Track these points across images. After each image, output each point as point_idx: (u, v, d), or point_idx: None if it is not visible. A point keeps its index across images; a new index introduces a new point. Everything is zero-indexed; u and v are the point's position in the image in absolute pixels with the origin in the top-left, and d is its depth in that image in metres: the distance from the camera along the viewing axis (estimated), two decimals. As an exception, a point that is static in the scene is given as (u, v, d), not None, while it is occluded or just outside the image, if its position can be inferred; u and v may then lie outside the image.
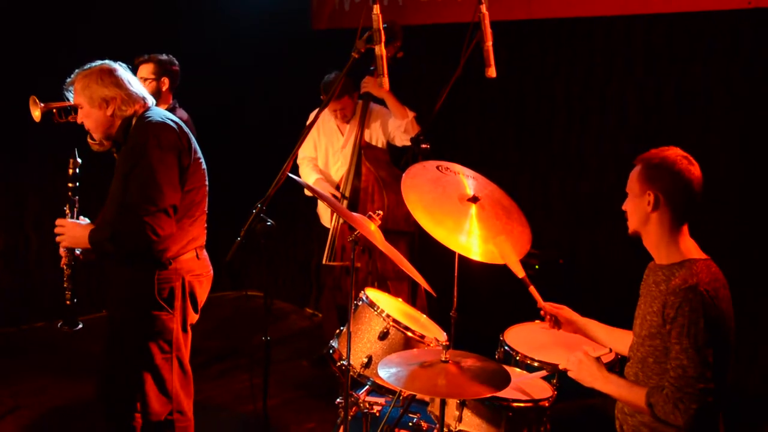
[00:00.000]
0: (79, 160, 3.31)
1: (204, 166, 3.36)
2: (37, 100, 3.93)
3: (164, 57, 4.69)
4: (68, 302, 3.32)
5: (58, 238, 3.27)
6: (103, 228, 3.18)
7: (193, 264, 3.35)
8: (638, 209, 2.57)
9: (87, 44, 3.80)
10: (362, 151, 4.59)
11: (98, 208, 3.41)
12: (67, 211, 3.30)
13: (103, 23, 5.53)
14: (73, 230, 3.24)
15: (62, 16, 5.52)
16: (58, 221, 3.27)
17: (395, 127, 4.66)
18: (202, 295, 3.46)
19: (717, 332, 2.41)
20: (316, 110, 3.05)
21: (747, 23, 4.00)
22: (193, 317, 3.44)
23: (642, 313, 2.63)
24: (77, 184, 3.30)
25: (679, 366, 2.41)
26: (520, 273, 3.00)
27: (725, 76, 4.13)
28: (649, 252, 2.64)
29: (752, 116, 4.05)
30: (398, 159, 4.58)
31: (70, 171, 3.30)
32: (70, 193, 3.30)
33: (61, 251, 3.34)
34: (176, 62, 4.74)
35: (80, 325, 3.36)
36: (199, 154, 3.34)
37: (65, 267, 3.33)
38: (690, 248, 2.56)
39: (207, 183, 3.38)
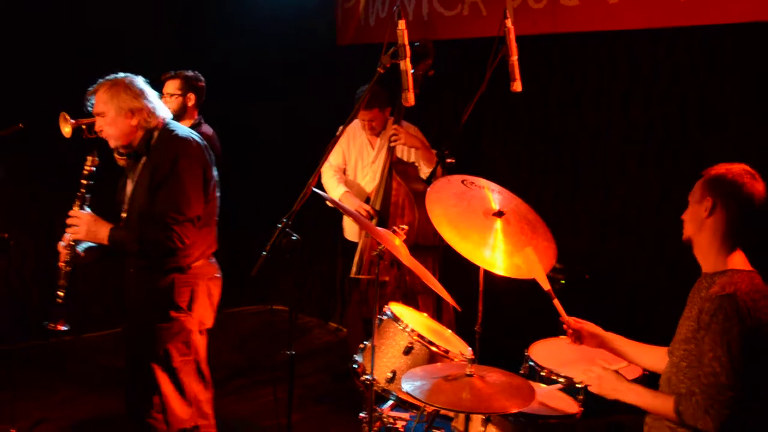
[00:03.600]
0: (98, 159, 3.36)
1: (217, 178, 3.48)
2: (68, 117, 3.99)
3: (190, 73, 4.74)
4: (60, 300, 3.34)
5: (70, 230, 3.29)
6: (129, 231, 3.26)
7: (209, 267, 3.48)
8: (695, 215, 2.60)
9: (113, 59, 3.84)
10: (393, 166, 4.60)
11: (100, 207, 3.43)
12: (76, 206, 3.32)
13: (129, 39, 5.60)
14: (90, 224, 3.26)
15: (87, 31, 5.60)
16: (72, 212, 3.28)
17: (420, 165, 4.73)
18: (218, 296, 3.56)
19: (753, 342, 2.39)
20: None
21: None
22: (210, 319, 3.52)
23: (683, 320, 2.64)
24: (92, 181, 3.34)
25: (711, 373, 2.40)
26: (546, 285, 2.98)
27: (752, 90, 4.08)
28: (698, 260, 2.65)
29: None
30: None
31: (87, 168, 3.34)
32: (83, 190, 3.34)
33: (61, 248, 3.35)
34: (202, 78, 4.79)
35: (68, 327, 3.34)
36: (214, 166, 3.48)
37: (64, 264, 3.34)
38: (736, 260, 2.57)
39: (218, 194, 3.51)
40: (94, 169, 3.34)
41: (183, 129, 3.42)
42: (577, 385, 2.96)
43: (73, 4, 5.58)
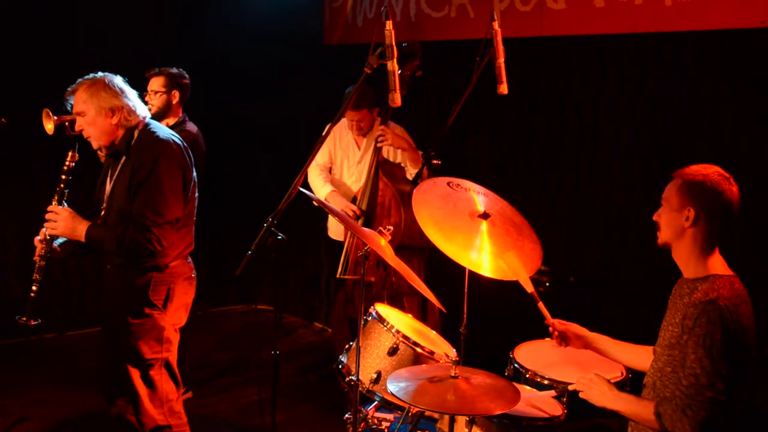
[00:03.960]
0: (77, 155, 3.37)
1: (196, 179, 3.50)
2: (51, 113, 3.96)
3: (175, 70, 4.70)
4: (33, 294, 3.33)
5: (47, 225, 3.31)
6: (107, 229, 3.27)
7: (185, 267, 3.50)
8: (674, 222, 2.57)
9: (110, 59, 3.82)
10: (379, 166, 4.60)
11: (79, 204, 3.44)
12: (55, 201, 3.34)
13: (128, 38, 5.58)
14: (68, 220, 3.28)
15: (84, 30, 5.56)
16: (51, 207, 3.31)
17: (407, 166, 4.72)
18: (192, 296, 3.59)
19: (734, 346, 2.41)
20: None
21: (760, 42, 3.99)
22: (183, 318, 3.55)
23: (665, 324, 2.65)
24: (70, 177, 3.36)
25: (692, 374, 2.42)
26: (530, 288, 2.99)
27: (738, 94, 4.11)
28: (678, 265, 2.65)
29: (764, 136, 4.03)
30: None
31: (67, 163, 3.35)
32: (62, 185, 3.35)
33: (37, 242, 3.37)
34: (186, 76, 4.76)
35: (39, 321, 3.35)
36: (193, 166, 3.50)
37: (39, 259, 3.35)
38: (717, 265, 2.57)
39: (197, 195, 3.54)
40: (73, 164, 3.35)
41: (164, 130, 3.43)
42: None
43: (72, 2, 5.53)
